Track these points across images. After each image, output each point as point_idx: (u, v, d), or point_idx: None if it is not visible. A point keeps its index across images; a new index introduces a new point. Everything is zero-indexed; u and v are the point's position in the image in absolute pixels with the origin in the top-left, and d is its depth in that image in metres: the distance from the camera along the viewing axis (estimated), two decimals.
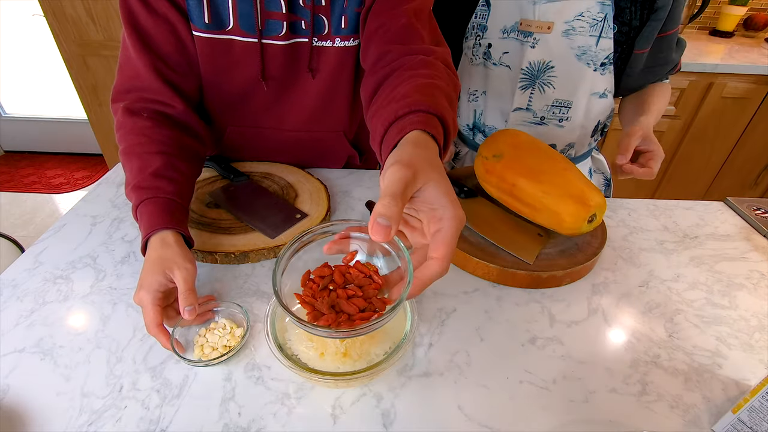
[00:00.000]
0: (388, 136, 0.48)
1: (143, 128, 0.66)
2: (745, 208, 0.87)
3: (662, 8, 0.76)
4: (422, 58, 0.60)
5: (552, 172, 0.68)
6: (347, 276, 0.37)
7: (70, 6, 1.81)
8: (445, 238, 0.36)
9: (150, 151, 0.64)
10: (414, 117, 0.46)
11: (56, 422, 0.46)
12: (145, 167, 0.63)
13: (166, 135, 0.67)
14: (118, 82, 0.71)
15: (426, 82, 0.53)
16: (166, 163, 0.64)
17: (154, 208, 0.60)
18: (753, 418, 0.44)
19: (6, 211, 2.34)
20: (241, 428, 0.46)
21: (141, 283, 0.54)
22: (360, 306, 0.34)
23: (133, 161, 0.64)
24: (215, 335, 0.55)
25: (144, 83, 0.69)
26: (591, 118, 0.91)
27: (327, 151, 0.91)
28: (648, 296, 0.66)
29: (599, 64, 0.83)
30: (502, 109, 0.93)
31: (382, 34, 0.66)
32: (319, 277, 0.37)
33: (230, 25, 0.69)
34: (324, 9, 0.70)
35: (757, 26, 2.11)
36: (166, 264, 0.55)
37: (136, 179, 0.62)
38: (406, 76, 0.56)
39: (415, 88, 0.52)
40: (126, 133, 0.66)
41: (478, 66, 0.92)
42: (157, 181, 0.62)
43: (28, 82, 2.80)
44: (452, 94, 0.55)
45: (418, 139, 0.44)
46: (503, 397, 0.50)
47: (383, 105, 0.53)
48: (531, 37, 0.83)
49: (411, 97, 0.49)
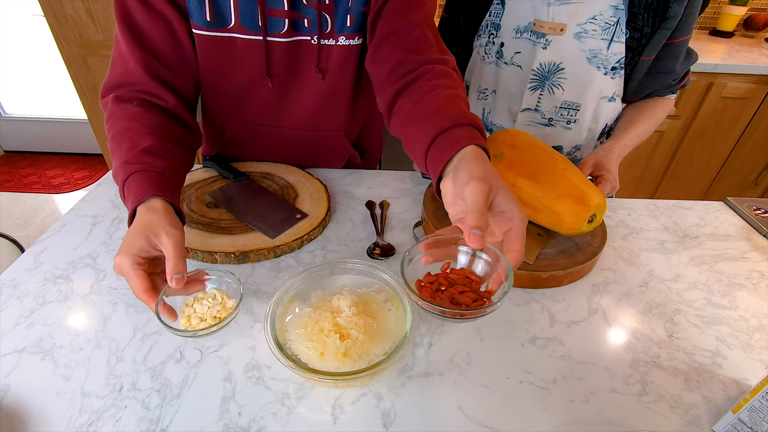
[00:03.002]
0: (436, 148, 0.53)
1: (134, 113, 0.64)
2: (745, 208, 0.87)
3: (674, 17, 0.76)
4: (441, 68, 0.65)
5: (552, 172, 0.68)
6: (449, 279, 0.44)
7: (70, 6, 1.81)
8: (517, 234, 0.44)
9: (141, 133, 0.62)
10: (459, 132, 0.52)
11: (56, 422, 0.46)
12: (135, 146, 0.59)
13: (158, 121, 0.65)
14: (109, 79, 0.69)
15: (452, 93, 0.59)
16: (156, 143, 0.61)
17: (143, 181, 0.56)
18: (753, 418, 0.44)
19: (6, 211, 2.34)
20: (241, 428, 0.46)
21: (120, 250, 0.51)
22: (472, 297, 0.42)
23: (123, 144, 0.61)
24: (204, 306, 0.53)
25: (135, 79, 0.67)
26: (598, 121, 0.91)
27: (327, 151, 0.91)
28: (648, 296, 0.66)
29: (610, 68, 0.83)
30: (511, 108, 0.93)
31: (394, 40, 0.69)
32: (428, 283, 0.45)
33: (232, 23, 0.69)
34: (328, 7, 0.70)
35: (757, 26, 2.11)
36: (151, 229, 0.51)
37: (125, 157, 0.59)
38: (429, 86, 0.62)
39: (446, 99, 0.58)
40: (116, 120, 0.64)
41: (489, 65, 0.92)
42: (148, 158, 0.59)
43: (28, 82, 2.79)
44: (467, 100, 0.62)
45: (477, 153, 0.49)
46: (503, 397, 0.50)
47: (419, 117, 0.58)
48: (543, 38, 0.83)
49: (447, 110, 0.55)
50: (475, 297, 0.42)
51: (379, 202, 0.83)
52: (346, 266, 0.56)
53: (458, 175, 0.46)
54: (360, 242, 0.73)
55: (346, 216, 0.80)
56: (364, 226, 0.77)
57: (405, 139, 0.62)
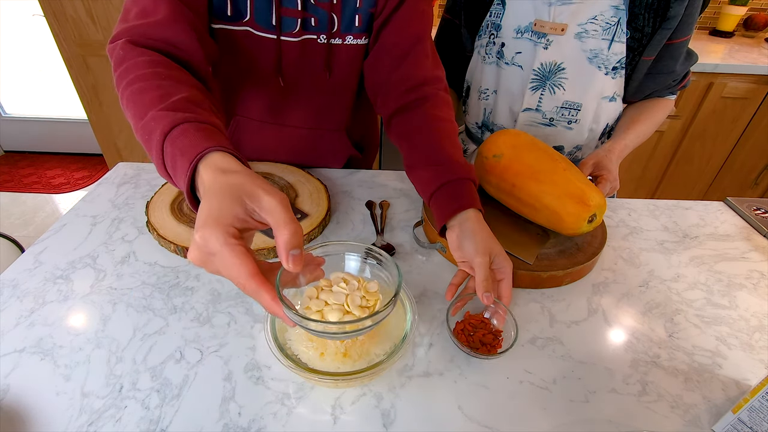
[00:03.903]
0: (440, 197, 0.63)
1: (157, 61, 0.52)
2: (745, 208, 0.87)
3: (674, 17, 0.76)
4: (443, 95, 0.73)
5: (552, 172, 0.68)
6: (472, 324, 0.57)
7: (70, 6, 1.81)
8: (508, 284, 0.58)
9: (175, 80, 0.49)
10: (461, 188, 0.62)
11: (56, 422, 0.46)
12: (172, 94, 0.47)
13: (187, 74, 0.54)
14: (121, 26, 0.57)
15: (451, 128, 0.70)
16: (198, 94, 0.49)
17: (196, 132, 0.43)
18: (753, 418, 0.44)
19: (6, 211, 2.34)
20: (241, 428, 0.46)
21: (202, 221, 0.36)
22: (490, 339, 0.54)
23: (149, 92, 0.47)
24: (338, 293, 0.39)
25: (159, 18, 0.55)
26: (600, 121, 0.91)
27: (328, 150, 0.92)
28: (648, 296, 0.66)
29: (611, 68, 0.83)
30: (512, 108, 0.93)
31: (397, 53, 0.73)
32: (460, 330, 0.56)
33: (247, 17, 0.69)
34: (335, 7, 0.71)
35: (757, 26, 2.11)
36: (245, 189, 0.37)
37: (162, 103, 0.46)
38: (431, 116, 0.70)
39: (447, 138, 0.67)
40: (133, 65, 0.51)
41: (490, 65, 0.92)
42: (194, 107, 0.46)
43: (28, 82, 2.79)
44: (457, 130, 0.72)
45: (477, 218, 0.60)
46: (503, 397, 0.50)
47: (426, 160, 0.66)
48: (544, 38, 0.83)
49: (451, 156, 0.64)
50: (492, 337, 0.55)
51: (379, 202, 0.83)
52: None
53: (464, 243, 0.59)
54: (360, 242, 0.73)
55: (346, 216, 0.80)
56: (364, 226, 0.77)
57: (412, 177, 0.69)
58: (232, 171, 0.39)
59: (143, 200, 0.81)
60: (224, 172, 0.39)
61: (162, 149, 0.43)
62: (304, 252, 0.37)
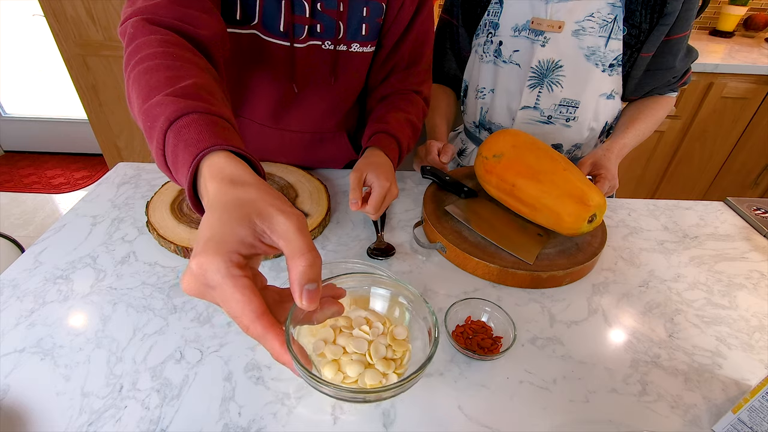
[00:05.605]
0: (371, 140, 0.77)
1: (171, 41, 0.48)
2: (745, 208, 0.87)
3: (671, 13, 0.76)
4: (423, 105, 0.86)
5: (552, 172, 0.68)
6: (473, 329, 0.57)
7: (70, 6, 1.81)
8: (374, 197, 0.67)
9: (188, 61, 0.46)
10: (385, 138, 0.76)
11: (56, 422, 0.46)
12: (183, 77, 0.43)
13: (202, 58, 0.50)
14: (131, 8, 0.53)
15: (404, 116, 0.80)
16: (211, 81, 0.46)
17: (206, 124, 0.38)
18: (753, 418, 0.44)
19: (6, 211, 2.34)
20: (241, 428, 0.46)
21: (202, 245, 0.30)
22: (489, 343, 0.55)
23: (158, 72, 0.43)
24: (359, 340, 0.33)
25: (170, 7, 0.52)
26: (598, 118, 0.91)
27: (330, 153, 0.92)
28: (648, 296, 0.66)
29: (608, 65, 0.83)
30: (510, 107, 0.94)
31: (402, 74, 0.84)
32: (459, 333, 0.57)
33: (255, 21, 0.69)
34: (342, 14, 0.72)
35: (757, 26, 2.11)
36: (257, 206, 0.32)
37: (170, 87, 0.41)
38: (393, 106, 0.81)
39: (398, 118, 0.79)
40: (145, 42, 0.47)
41: (487, 63, 0.92)
42: (206, 95, 0.42)
43: (28, 82, 2.80)
44: (418, 124, 0.83)
45: (377, 154, 0.73)
46: (503, 397, 0.50)
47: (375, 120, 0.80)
48: (542, 36, 0.83)
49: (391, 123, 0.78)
50: (491, 342, 0.56)
51: None
52: (346, 266, 0.56)
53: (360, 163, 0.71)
54: (360, 242, 0.73)
55: (346, 216, 0.80)
56: (364, 226, 0.77)
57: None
58: (243, 183, 0.34)
59: (143, 200, 0.81)
60: (233, 184, 0.33)
61: (164, 139, 0.39)
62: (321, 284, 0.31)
